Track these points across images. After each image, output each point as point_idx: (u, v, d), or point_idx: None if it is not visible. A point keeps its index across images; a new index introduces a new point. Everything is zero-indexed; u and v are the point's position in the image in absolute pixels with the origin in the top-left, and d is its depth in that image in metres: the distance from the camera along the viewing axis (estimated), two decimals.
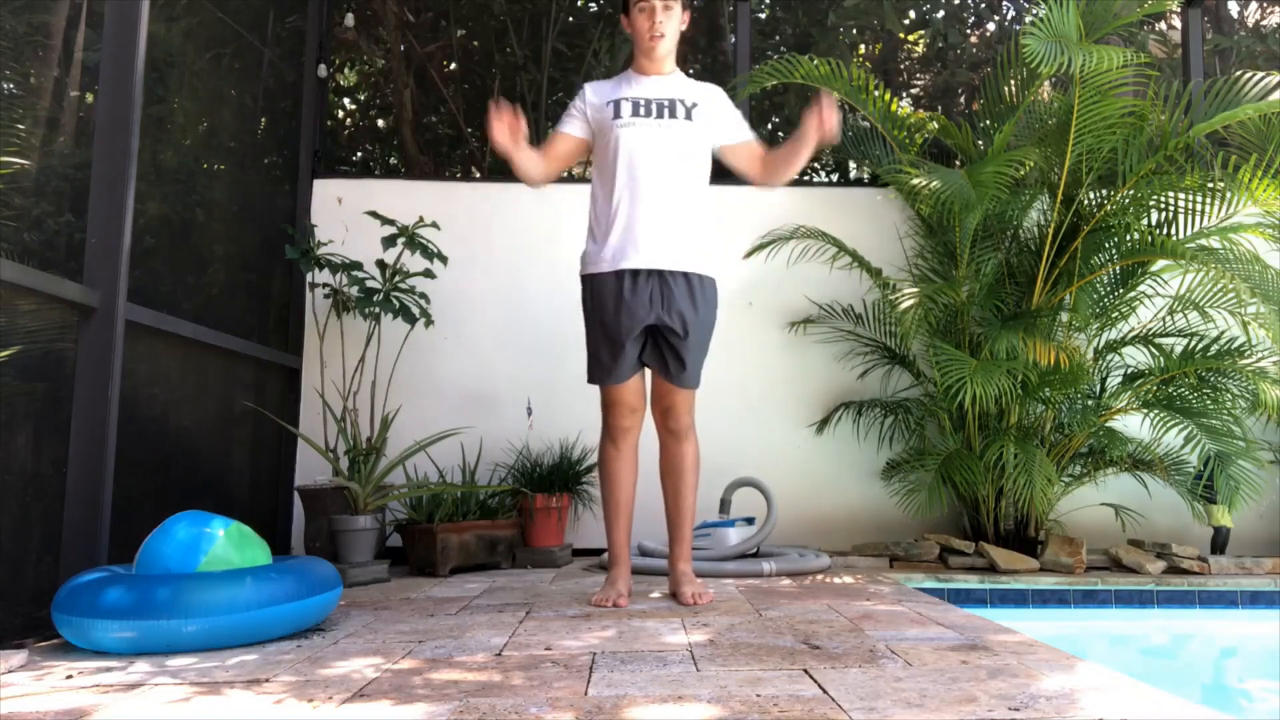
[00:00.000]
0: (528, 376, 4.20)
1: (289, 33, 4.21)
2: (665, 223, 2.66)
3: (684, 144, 2.69)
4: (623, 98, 2.69)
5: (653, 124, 2.66)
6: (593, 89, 2.75)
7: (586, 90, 2.75)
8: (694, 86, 2.76)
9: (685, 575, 2.70)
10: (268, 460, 3.91)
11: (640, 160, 2.65)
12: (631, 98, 2.69)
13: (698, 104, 2.71)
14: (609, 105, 2.69)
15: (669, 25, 2.65)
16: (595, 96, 2.73)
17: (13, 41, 2.49)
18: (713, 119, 2.73)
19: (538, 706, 1.54)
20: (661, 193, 2.66)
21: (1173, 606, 3.41)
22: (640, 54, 2.72)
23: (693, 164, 2.72)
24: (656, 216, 2.65)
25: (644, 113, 2.66)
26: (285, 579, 2.18)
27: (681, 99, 2.70)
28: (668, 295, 2.65)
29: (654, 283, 2.66)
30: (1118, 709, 1.50)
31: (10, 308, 2.20)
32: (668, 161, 2.66)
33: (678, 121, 2.67)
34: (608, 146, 2.70)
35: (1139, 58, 3.38)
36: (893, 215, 4.32)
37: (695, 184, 2.72)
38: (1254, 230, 3.65)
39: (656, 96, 2.69)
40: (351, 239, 4.14)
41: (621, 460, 2.72)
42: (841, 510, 4.18)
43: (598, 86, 2.76)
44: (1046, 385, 3.61)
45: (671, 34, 2.67)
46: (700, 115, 2.70)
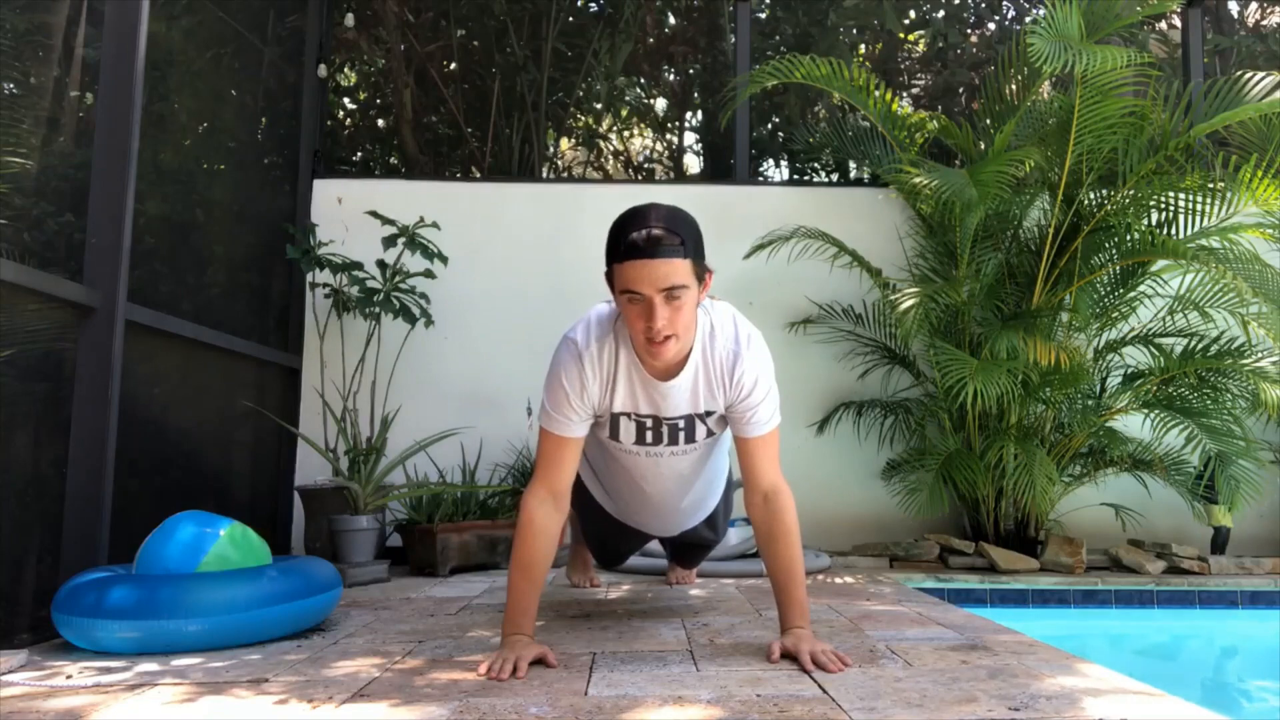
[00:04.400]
0: (528, 376, 4.18)
1: (289, 33, 4.21)
2: (676, 517, 2.30)
3: (702, 461, 2.13)
4: (623, 413, 1.95)
5: (661, 454, 2.04)
6: (583, 383, 1.89)
7: (575, 386, 1.90)
8: (715, 379, 1.93)
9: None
10: (268, 460, 3.91)
11: (645, 483, 2.13)
12: (636, 416, 1.96)
13: (720, 412, 2.00)
14: (605, 418, 1.98)
15: (680, 318, 1.76)
16: (586, 397, 1.91)
17: (13, 40, 2.49)
18: (738, 420, 1.98)
19: (538, 706, 1.54)
20: (673, 504, 2.22)
21: (1173, 606, 3.41)
22: (639, 350, 1.86)
23: (712, 469, 2.20)
24: (665, 517, 2.30)
25: (650, 440, 2.00)
26: (285, 579, 2.18)
27: (701, 414, 1.98)
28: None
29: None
30: (1118, 709, 1.49)
31: (10, 308, 2.19)
32: (680, 481, 2.15)
33: (695, 445, 2.04)
34: (602, 450, 2.14)
35: (1142, 58, 3.38)
36: (893, 215, 4.32)
37: (714, 480, 2.25)
38: (1254, 230, 3.65)
39: (669, 416, 1.96)
40: (352, 239, 4.14)
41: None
42: (842, 510, 4.17)
43: (586, 376, 1.90)
44: (1047, 385, 3.61)
45: (685, 327, 1.81)
46: (722, 424, 2.05)
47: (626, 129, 6.63)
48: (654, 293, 1.72)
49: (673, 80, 6.34)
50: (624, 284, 1.74)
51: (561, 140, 6.35)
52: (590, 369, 1.89)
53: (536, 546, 1.90)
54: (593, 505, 2.30)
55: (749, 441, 1.96)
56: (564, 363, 1.91)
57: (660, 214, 1.76)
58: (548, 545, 1.91)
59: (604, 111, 6.25)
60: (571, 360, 1.90)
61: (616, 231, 1.78)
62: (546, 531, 1.91)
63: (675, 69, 6.26)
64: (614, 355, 1.90)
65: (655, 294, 1.72)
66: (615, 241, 1.76)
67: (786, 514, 1.95)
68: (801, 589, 1.95)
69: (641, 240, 1.70)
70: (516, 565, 1.90)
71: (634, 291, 1.73)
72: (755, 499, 1.97)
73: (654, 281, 1.71)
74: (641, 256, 1.70)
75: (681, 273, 1.72)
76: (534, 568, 1.90)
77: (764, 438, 1.95)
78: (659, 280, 1.71)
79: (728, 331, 1.94)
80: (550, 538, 1.92)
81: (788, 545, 1.94)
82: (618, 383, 1.90)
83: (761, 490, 1.96)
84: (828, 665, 1.80)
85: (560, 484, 1.93)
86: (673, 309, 1.74)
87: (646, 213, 1.76)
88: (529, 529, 1.90)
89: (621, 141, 6.73)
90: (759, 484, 1.96)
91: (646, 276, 1.71)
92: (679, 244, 1.72)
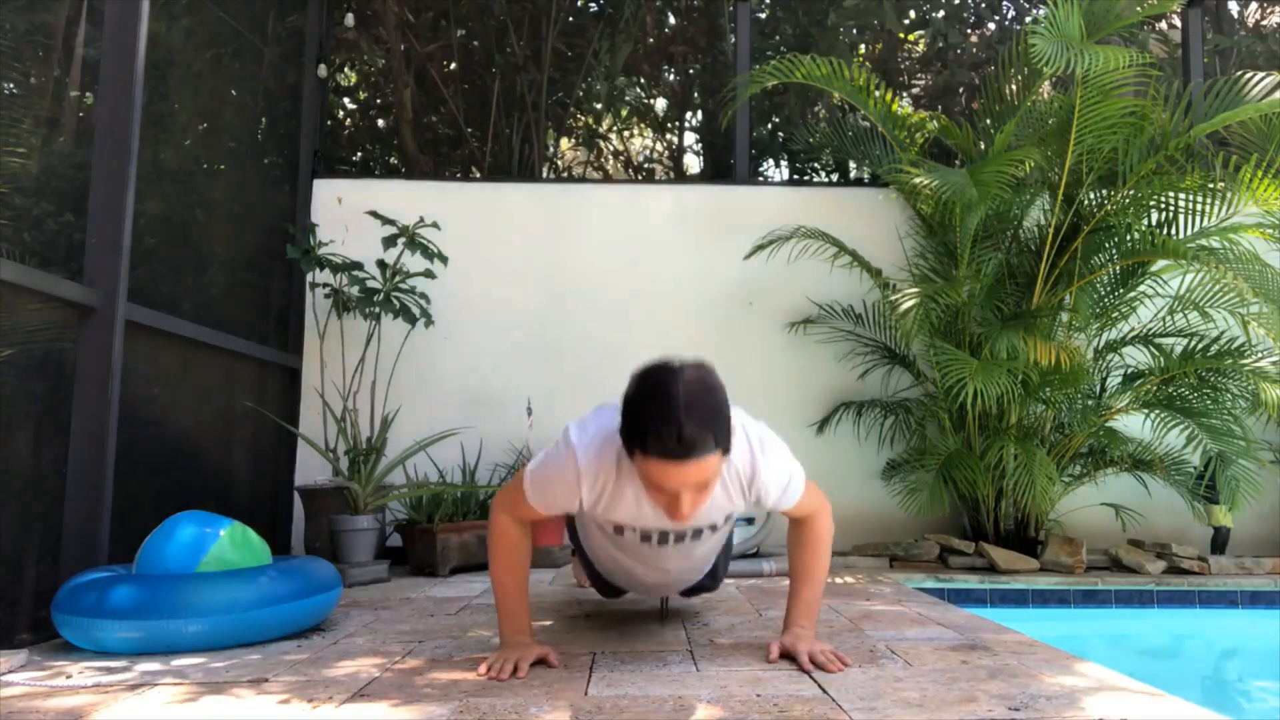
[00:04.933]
0: (527, 376, 4.20)
1: (289, 33, 4.21)
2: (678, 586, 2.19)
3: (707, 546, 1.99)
4: (627, 525, 1.86)
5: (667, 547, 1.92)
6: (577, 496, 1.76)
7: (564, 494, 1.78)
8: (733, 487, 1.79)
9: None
10: (268, 460, 3.91)
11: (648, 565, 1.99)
12: (641, 529, 1.87)
13: (733, 513, 1.93)
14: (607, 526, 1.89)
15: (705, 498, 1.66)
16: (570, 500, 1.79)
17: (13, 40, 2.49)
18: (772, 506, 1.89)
19: (538, 706, 1.54)
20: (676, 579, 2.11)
21: (1173, 606, 3.40)
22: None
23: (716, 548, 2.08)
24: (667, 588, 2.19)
25: (656, 541, 1.89)
26: (285, 579, 2.18)
27: (714, 523, 1.91)
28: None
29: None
30: (1118, 709, 1.49)
31: (10, 308, 2.19)
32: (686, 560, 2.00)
33: (701, 539, 1.93)
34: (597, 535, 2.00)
35: (1143, 58, 3.38)
36: (893, 215, 4.32)
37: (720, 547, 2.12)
38: (1254, 230, 3.64)
39: (676, 528, 1.87)
40: (352, 239, 4.14)
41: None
42: (842, 510, 4.12)
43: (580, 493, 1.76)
44: (1047, 385, 3.61)
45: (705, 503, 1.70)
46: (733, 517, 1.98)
47: (626, 129, 6.63)
48: (683, 487, 1.58)
49: (673, 80, 6.34)
50: (648, 475, 1.59)
51: (561, 140, 6.35)
52: (587, 489, 1.75)
53: (515, 550, 1.88)
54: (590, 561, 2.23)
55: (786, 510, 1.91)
56: (559, 468, 1.76)
57: (690, 403, 1.53)
58: (524, 547, 1.90)
59: (604, 111, 6.25)
60: (567, 472, 1.75)
61: (639, 418, 1.56)
62: (520, 538, 1.89)
63: (675, 69, 6.26)
64: (620, 483, 1.75)
65: (685, 492, 1.59)
66: (639, 431, 1.56)
67: (818, 522, 1.93)
68: (813, 590, 1.94)
69: (672, 444, 1.51)
70: (499, 571, 1.89)
71: (660, 486, 1.60)
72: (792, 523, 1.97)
73: (684, 482, 1.57)
74: (671, 459, 1.53)
75: (713, 467, 1.58)
76: (514, 567, 1.89)
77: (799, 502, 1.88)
78: (689, 480, 1.57)
79: (740, 446, 1.77)
80: (525, 539, 1.90)
81: (811, 548, 1.93)
82: (623, 500, 1.77)
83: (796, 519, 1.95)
84: (826, 665, 1.80)
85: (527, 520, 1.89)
86: (700, 494, 1.62)
87: (674, 404, 1.52)
88: (504, 537, 1.88)
89: (621, 141, 6.74)
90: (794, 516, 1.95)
91: (676, 479, 1.56)
92: (712, 442, 1.54)
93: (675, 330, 4.24)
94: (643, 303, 4.27)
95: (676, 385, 1.55)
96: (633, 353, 4.41)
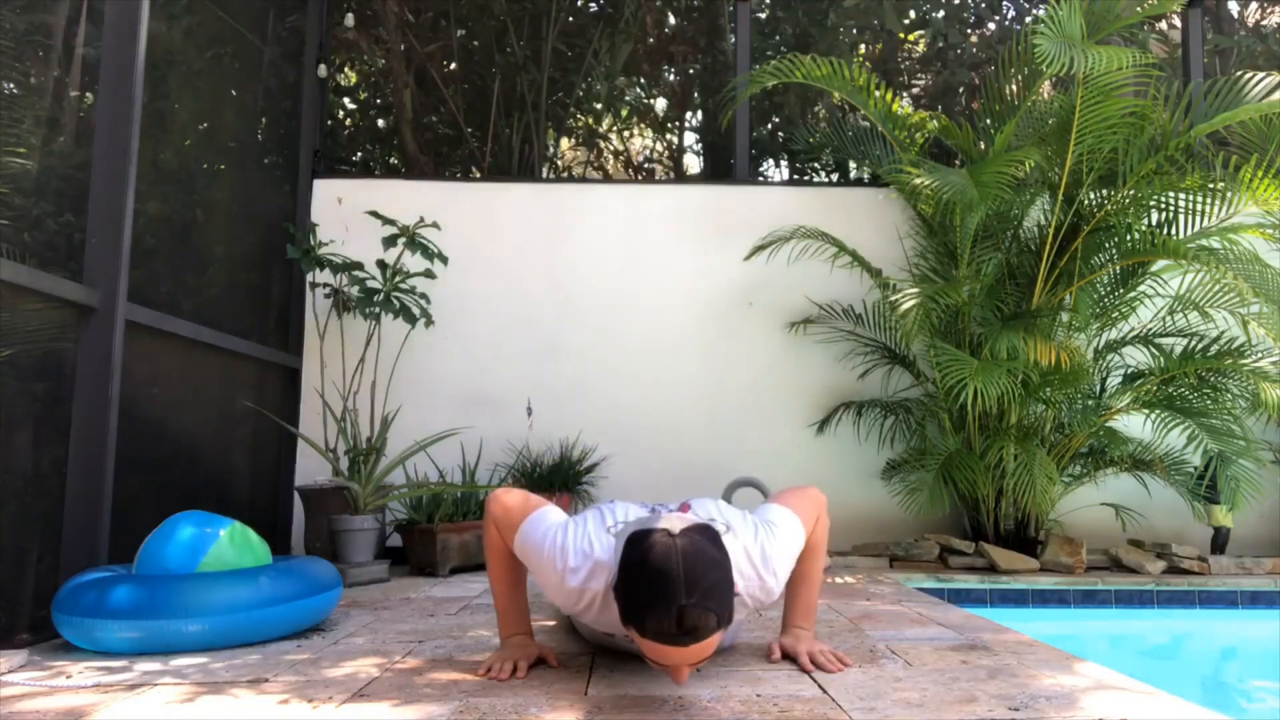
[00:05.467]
0: (527, 376, 4.20)
1: (289, 33, 4.21)
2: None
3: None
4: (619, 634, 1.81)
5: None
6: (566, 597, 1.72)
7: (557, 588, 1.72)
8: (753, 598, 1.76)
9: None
10: (268, 460, 3.91)
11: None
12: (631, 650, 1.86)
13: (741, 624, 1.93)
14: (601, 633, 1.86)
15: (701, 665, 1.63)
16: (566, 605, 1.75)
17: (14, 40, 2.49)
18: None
19: (538, 706, 1.54)
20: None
21: (1173, 606, 3.41)
22: None
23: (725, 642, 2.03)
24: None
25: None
26: (285, 579, 2.18)
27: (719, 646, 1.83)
28: None
29: None
30: (1118, 709, 1.49)
31: (10, 308, 2.19)
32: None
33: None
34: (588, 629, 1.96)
35: (1145, 58, 3.38)
36: (893, 215, 4.32)
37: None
38: (1254, 230, 3.65)
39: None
40: (352, 239, 4.14)
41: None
42: (842, 510, 4.17)
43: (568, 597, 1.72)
44: (1047, 385, 3.61)
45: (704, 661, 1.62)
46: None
47: (626, 129, 6.63)
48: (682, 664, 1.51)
49: (673, 80, 6.34)
50: (645, 651, 1.51)
51: (561, 140, 6.35)
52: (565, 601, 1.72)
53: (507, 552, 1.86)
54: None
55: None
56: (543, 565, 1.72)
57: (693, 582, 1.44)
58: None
59: (604, 111, 6.25)
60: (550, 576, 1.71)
61: (638, 602, 1.46)
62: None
63: (675, 69, 6.26)
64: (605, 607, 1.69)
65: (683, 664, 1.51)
66: (637, 616, 1.46)
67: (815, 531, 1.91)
68: (811, 591, 1.94)
69: (672, 630, 1.43)
70: (495, 573, 1.89)
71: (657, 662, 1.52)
72: None
73: (684, 660, 1.49)
74: (672, 643, 1.45)
75: (714, 644, 1.50)
76: (510, 570, 1.89)
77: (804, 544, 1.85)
78: (690, 659, 1.49)
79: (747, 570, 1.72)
80: None
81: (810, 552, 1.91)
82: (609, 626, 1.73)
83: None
84: (826, 665, 1.80)
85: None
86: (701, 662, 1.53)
87: (674, 590, 1.43)
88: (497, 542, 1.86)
89: (621, 141, 6.74)
90: None
91: (676, 657, 1.48)
92: (714, 623, 1.45)
93: (675, 330, 4.24)
94: (643, 302, 4.27)
95: (676, 568, 1.44)
96: (632, 352, 4.43)
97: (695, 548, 1.47)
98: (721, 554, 1.51)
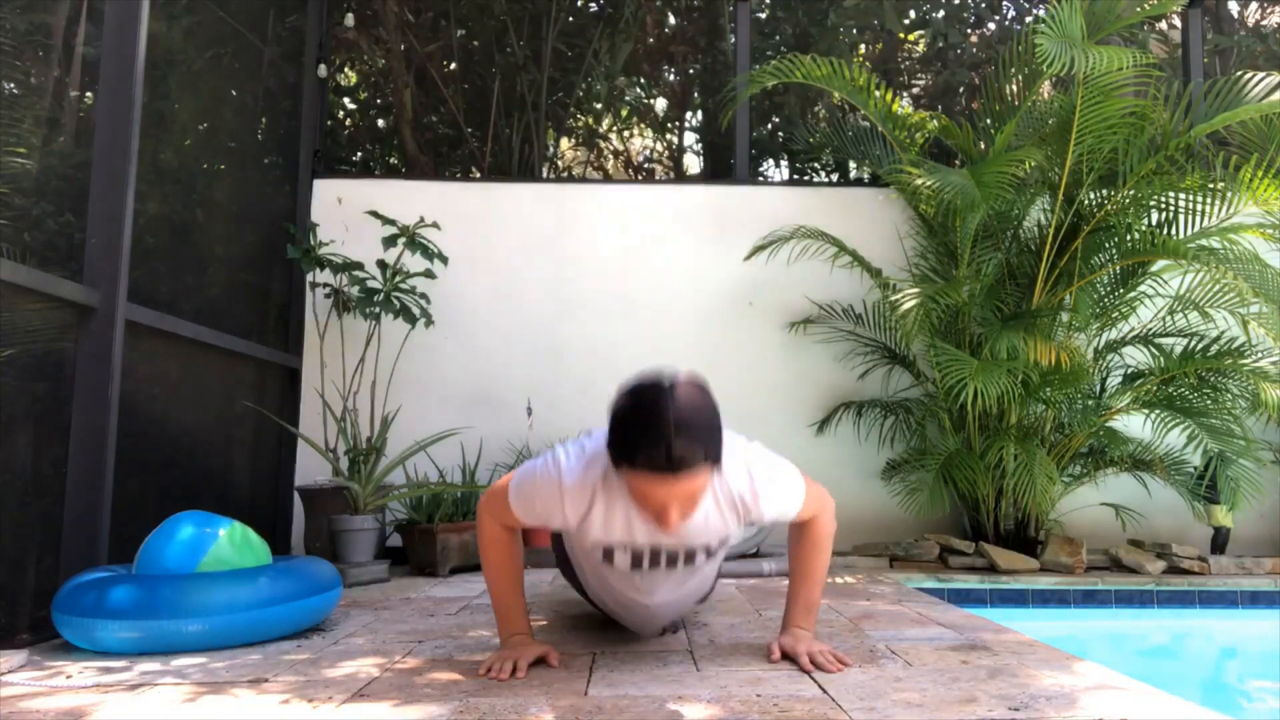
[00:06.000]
0: (527, 376, 4.20)
1: (289, 33, 4.21)
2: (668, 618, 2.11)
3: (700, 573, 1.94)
4: (615, 544, 1.79)
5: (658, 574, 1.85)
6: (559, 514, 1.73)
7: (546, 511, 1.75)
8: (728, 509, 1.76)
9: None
10: (268, 460, 3.91)
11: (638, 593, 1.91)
12: (632, 548, 1.80)
13: (729, 536, 1.87)
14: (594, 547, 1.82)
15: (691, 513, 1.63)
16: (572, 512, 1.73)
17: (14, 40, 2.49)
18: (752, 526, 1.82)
19: (538, 706, 1.54)
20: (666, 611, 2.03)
21: (1173, 606, 3.41)
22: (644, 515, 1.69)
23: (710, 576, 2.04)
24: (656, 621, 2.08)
25: (648, 565, 1.83)
26: (285, 579, 2.18)
27: (707, 544, 1.84)
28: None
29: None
30: (1118, 709, 1.49)
31: (10, 308, 2.19)
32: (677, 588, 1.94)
33: (695, 566, 1.87)
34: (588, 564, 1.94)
35: (1145, 58, 3.38)
36: (893, 215, 4.32)
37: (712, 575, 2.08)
38: (1254, 230, 3.64)
39: (668, 545, 1.81)
40: (352, 239, 4.14)
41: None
42: (842, 510, 4.11)
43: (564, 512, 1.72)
44: (1047, 385, 3.61)
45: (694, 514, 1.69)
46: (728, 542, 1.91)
47: (626, 129, 6.63)
48: (670, 501, 1.56)
49: (673, 80, 6.34)
50: (636, 488, 1.57)
51: (561, 140, 6.35)
52: (571, 508, 1.72)
53: (505, 551, 1.86)
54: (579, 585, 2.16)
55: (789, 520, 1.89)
56: (543, 484, 1.73)
57: (679, 419, 1.50)
58: (515, 548, 1.88)
59: (604, 111, 6.25)
60: (550, 488, 1.72)
61: (628, 433, 1.53)
62: (510, 538, 1.87)
63: (675, 69, 6.26)
64: (609, 501, 1.71)
65: (674, 507, 1.57)
66: (628, 447, 1.53)
67: (818, 524, 1.91)
68: (812, 590, 1.93)
69: (661, 461, 1.49)
70: (492, 572, 1.88)
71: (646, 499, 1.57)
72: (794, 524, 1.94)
73: (672, 496, 1.54)
74: (660, 473, 1.51)
75: (701, 481, 1.55)
76: (506, 568, 1.87)
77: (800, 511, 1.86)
78: (677, 495, 1.54)
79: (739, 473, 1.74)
80: (515, 542, 1.88)
81: (812, 548, 1.91)
82: (614, 521, 1.73)
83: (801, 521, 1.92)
84: (826, 665, 1.79)
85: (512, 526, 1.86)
86: (687, 506, 1.59)
87: (663, 418, 1.49)
88: (493, 539, 1.85)
89: (621, 141, 6.74)
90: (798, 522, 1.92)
91: (664, 493, 1.54)
92: (701, 458, 1.52)
93: (675, 330, 4.24)
94: (643, 302, 4.27)
95: (666, 400, 1.51)
96: (632, 352, 4.43)
97: (685, 391, 1.55)
98: (710, 402, 1.58)
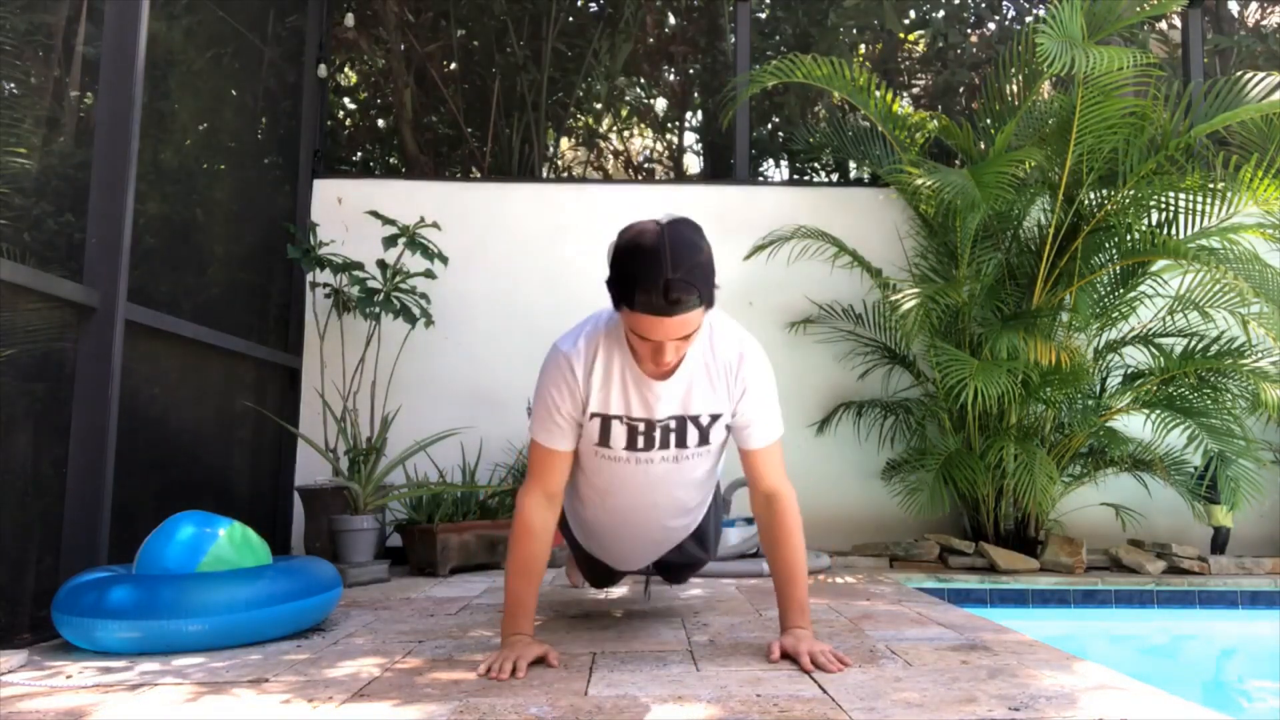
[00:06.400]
0: (528, 376, 4.16)
1: (289, 33, 4.21)
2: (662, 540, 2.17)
3: (692, 473, 1.99)
4: (613, 415, 1.87)
5: (653, 460, 1.92)
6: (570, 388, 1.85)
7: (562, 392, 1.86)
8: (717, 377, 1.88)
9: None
10: (268, 460, 3.91)
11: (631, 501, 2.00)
12: (627, 419, 1.87)
13: (720, 414, 1.91)
14: (593, 419, 1.88)
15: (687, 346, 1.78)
16: (574, 401, 1.86)
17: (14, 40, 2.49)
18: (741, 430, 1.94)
19: (538, 706, 1.54)
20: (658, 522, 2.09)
21: (1173, 606, 3.41)
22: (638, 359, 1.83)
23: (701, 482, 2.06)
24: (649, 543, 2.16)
25: (642, 445, 1.89)
26: (285, 579, 2.18)
27: (696, 416, 1.89)
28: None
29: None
30: (1118, 709, 1.49)
31: (10, 308, 2.19)
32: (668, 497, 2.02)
33: (687, 452, 1.93)
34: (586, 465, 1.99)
35: (1145, 58, 3.38)
36: (893, 215, 4.32)
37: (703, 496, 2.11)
38: (1254, 230, 3.65)
39: (662, 418, 1.88)
40: (352, 239, 4.14)
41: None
42: (842, 510, 4.17)
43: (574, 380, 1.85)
44: (1047, 385, 3.61)
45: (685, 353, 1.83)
46: (719, 429, 1.94)
47: (626, 129, 6.63)
48: (667, 339, 1.70)
49: (673, 80, 6.33)
50: (635, 327, 1.71)
51: (561, 140, 6.35)
52: (580, 368, 1.85)
53: (533, 548, 1.90)
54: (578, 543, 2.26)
55: (753, 453, 1.95)
56: (550, 371, 1.88)
57: (677, 259, 1.63)
58: (544, 546, 1.92)
59: (604, 111, 6.25)
60: (557, 367, 1.87)
61: (628, 272, 1.67)
62: (543, 533, 1.91)
63: (675, 69, 6.25)
64: (607, 356, 1.85)
65: (668, 343, 1.71)
66: (627, 286, 1.67)
67: (788, 516, 1.94)
68: (802, 589, 1.94)
69: (659, 299, 1.63)
70: (514, 566, 1.91)
71: (646, 336, 1.71)
72: (757, 500, 1.98)
73: (669, 333, 1.69)
74: (658, 314, 1.65)
75: (696, 320, 1.70)
76: (531, 568, 1.91)
77: (768, 449, 1.94)
78: (674, 332, 1.69)
79: (730, 332, 1.92)
80: (546, 539, 1.92)
81: (789, 546, 1.93)
82: (611, 383, 1.85)
83: (763, 492, 1.96)
84: (827, 665, 1.80)
85: (554, 486, 1.93)
86: (682, 342, 1.74)
87: (661, 259, 1.63)
88: (525, 531, 1.90)
89: (621, 141, 6.73)
90: (760, 486, 1.96)
91: (661, 330, 1.68)
92: (696, 298, 1.65)
93: None
94: None
95: (663, 241, 1.65)
96: None
97: (679, 231, 1.68)
98: (704, 242, 1.71)
